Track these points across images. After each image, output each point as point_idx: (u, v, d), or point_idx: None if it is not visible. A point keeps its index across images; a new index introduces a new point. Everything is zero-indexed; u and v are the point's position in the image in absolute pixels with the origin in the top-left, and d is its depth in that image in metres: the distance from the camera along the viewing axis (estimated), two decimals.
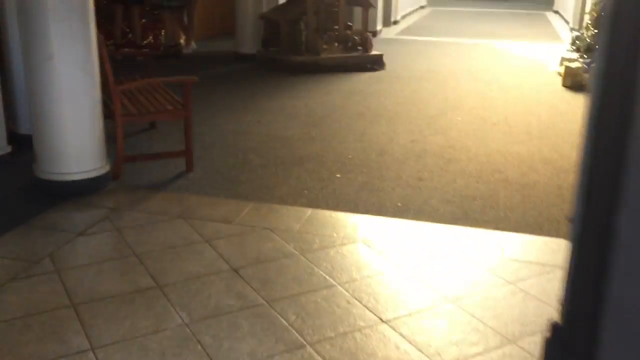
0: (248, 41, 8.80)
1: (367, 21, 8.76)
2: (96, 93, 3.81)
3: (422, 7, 18.17)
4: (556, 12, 17.51)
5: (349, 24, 8.75)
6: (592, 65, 7.17)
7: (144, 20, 8.85)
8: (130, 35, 8.69)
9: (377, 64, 8.47)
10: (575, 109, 6.43)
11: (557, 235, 3.48)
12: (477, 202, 3.94)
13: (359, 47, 8.52)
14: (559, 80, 7.71)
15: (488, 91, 7.18)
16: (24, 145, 4.32)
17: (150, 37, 8.95)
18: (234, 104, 6.34)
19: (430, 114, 6.12)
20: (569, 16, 14.03)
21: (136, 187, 4.02)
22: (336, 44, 8.43)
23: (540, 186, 4.21)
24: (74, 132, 3.74)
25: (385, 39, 11.35)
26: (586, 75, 7.34)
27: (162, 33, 8.92)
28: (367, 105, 6.45)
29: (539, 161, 4.72)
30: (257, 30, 8.74)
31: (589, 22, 7.57)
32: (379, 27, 12.08)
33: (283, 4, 8.73)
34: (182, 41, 9.01)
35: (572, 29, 12.67)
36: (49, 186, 3.78)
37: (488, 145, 5.10)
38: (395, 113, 6.14)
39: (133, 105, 4.19)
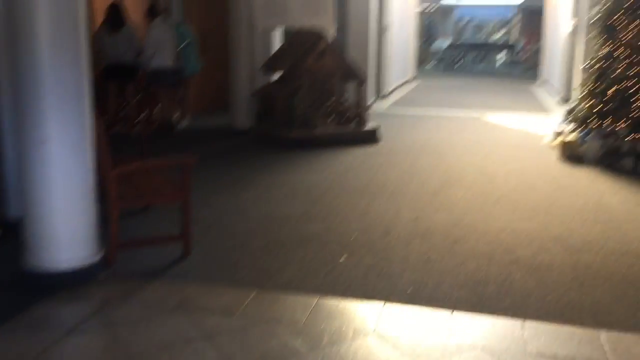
0: (243, 116, 8.78)
1: (361, 95, 8.78)
2: (90, 177, 3.64)
3: (410, 80, 18.51)
4: (542, 83, 17.90)
5: (343, 98, 8.77)
6: (589, 137, 7.17)
7: (138, 96, 8.82)
8: (124, 112, 8.63)
9: (372, 137, 8.44)
10: (576, 182, 6.36)
11: (580, 323, 3.27)
12: (491, 286, 3.74)
13: (354, 121, 8.51)
14: (555, 152, 7.68)
15: (486, 165, 7.11)
16: (13, 231, 4.10)
17: (145, 113, 8.89)
18: (230, 181, 6.20)
19: (431, 189, 6.00)
20: (556, 88, 14.29)
21: (130, 275, 3.79)
22: (331, 118, 8.41)
23: (555, 267, 4.03)
24: (66, 218, 3.54)
25: (378, 112, 11.40)
26: (583, 148, 7.31)
27: (156, 109, 8.87)
28: (366, 180, 6.33)
29: (549, 240, 4.56)
30: (252, 105, 8.74)
31: (583, 94, 7.60)
32: (371, 100, 12.18)
33: (277, 79, 8.76)
34: (176, 116, 8.97)
35: (562, 100, 12.86)
36: (38, 277, 3.54)
37: (494, 223, 4.95)
38: (396, 188, 6.01)
39: (129, 188, 4.02)
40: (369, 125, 8.61)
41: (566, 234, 4.69)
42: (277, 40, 9.57)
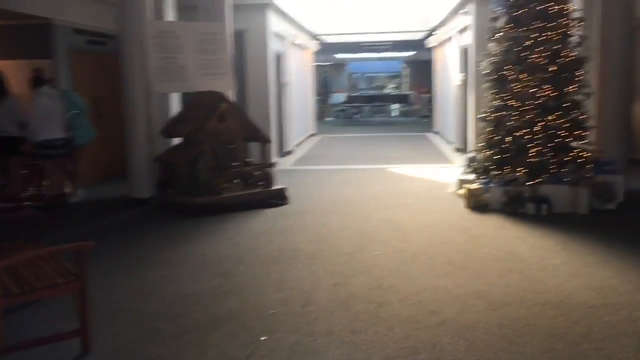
0: (143, 184, 8.31)
1: (266, 155, 8.61)
2: None
3: (312, 135, 18.66)
4: (436, 132, 18.62)
5: (248, 159, 8.56)
6: (491, 185, 7.36)
7: (24, 171, 8.14)
8: (7, 189, 7.90)
9: (280, 198, 8.24)
10: (485, 231, 6.44)
11: None
12: (422, 355, 3.57)
13: (261, 183, 8.29)
14: (461, 201, 7.81)
15: (398, 219, 7.08)
16: None
17: (32, 189, 8.20)
18: (133, 259, 5.72)
19: (347, 250, 5.84)
20: (451, 137, 14.87)
21: None
22: (237, 181, 8.14)
23: (481, 327, 3.93)
24: None
25: (283, 170, 11.26)
26: (486, 196, 7.49)
27: (46, 183, 8.21)
28: (278, 245, 6.08)
29: (471, 296, 4.49)
30: (152, 172, 8.31)
31: (481, 144, 7.84)
32: (275, 158, 12.04)
33: (178, 145, 8.42)
34: (68, 190, 8.35)
35: (458, 149, 13.36)
36: None
37: (415, 282, 4.84)
38: (311, 252, 5.80)
39: (14, 281, 3.53)
40: (277, 186, 8.41)
41: (486, 288, 4.64)
42: (175, 103, 9.28)
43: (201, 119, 7.92)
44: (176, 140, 8.60)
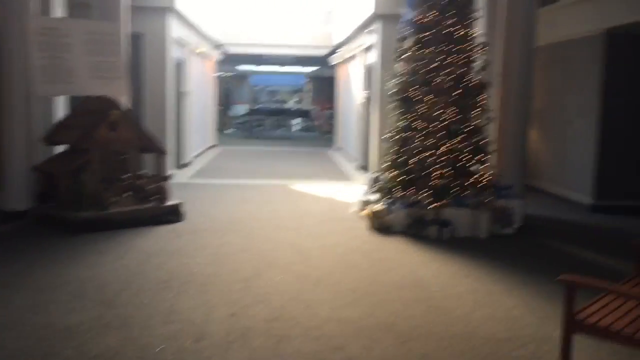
0: (18, 195, 7.44)
1: (160, 168, 8.01)
2: None
3: (212, 147, 18.05)
4: (339, 149, 18.62)
5: (141, 171, 7.92)
6: (395, 207, 7.23)
7: None
8: None
9: (174, 215, 7.68)
10: (388, 255, 6.27)
11: None
12: None
13: (154, 197, 7.68)
14: (364, 222, 7.63)
15: (300, 241, 6.76)
16: None
17: None
18: None
19: (245, 275, 5.43)
20: (354, 155, 14.85)
21: None
22: (127, 195, 7.49)
23: None
24: None
25: (179, 184, 10.65)
26: (390, 217, 7.36)
27: None
28: (170, 269, 5.56)
29: (377, 328, 4.23)
30: (30, 183, 7.47)
31: (386, 165, 7.72)
32: (170, 171, 11.39)
33: (62, 153, 7.65)
34: None
35: (359, 168, 13.32)
36: None
37: (317, 313, 4.51)
38: (205, 277, 5.33)
39: None
40: (171, 201, 7.84)
41: (392, 319, 4.40)
42: (61, 107, 8.47)
43: (89, 126, 7.23)
44: (61, 148, 7.82)
